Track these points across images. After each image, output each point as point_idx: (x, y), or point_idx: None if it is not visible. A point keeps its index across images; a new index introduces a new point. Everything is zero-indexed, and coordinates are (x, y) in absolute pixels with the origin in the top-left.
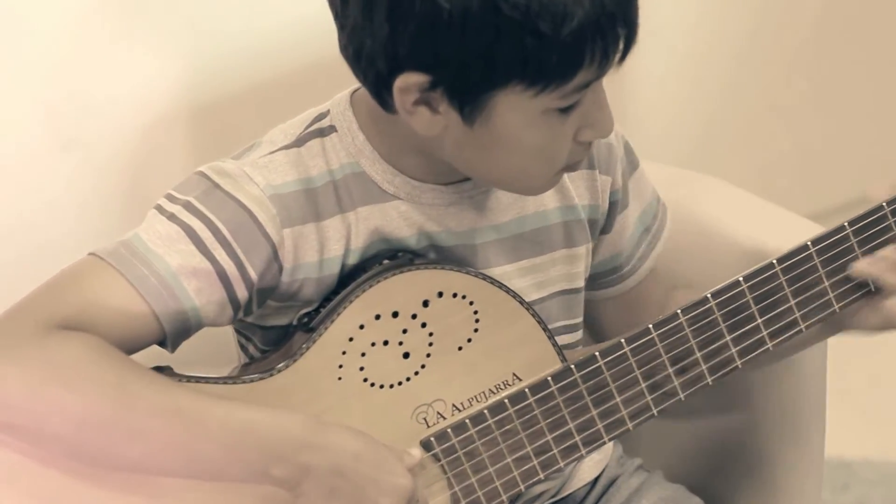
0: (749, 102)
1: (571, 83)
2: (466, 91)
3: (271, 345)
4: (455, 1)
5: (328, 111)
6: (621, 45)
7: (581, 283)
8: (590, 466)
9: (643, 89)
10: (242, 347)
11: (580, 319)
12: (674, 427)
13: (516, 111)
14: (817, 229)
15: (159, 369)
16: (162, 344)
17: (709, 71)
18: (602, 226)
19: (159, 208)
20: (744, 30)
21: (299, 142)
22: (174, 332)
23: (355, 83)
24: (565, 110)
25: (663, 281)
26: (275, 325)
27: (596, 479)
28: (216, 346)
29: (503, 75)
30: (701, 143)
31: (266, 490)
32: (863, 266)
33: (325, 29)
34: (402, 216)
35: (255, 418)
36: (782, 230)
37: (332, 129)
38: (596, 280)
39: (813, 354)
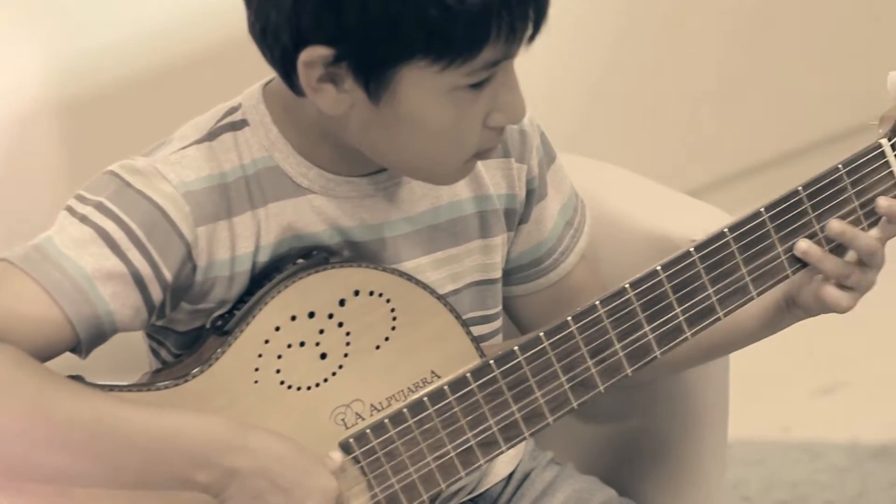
0: (626, 85)
1: (478, 59)
2: (371, 66)
3: (185, 349)
4: None
5: (240, 105)
6: (531, 22)
7: (497, 274)
8: (504, 462)
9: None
10: (154, 352)
11: (497, 310)
12: (582, 420)
13: (422, 88)
14: (717, 212)
15: (71, 378)
16: (74, 350)
17: (586, 54)
18: (520, 215)
19: (70, 210)
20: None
21: (211, 136)
22: (88, 339)
23: (242, 81)
24: (474, 88)
25: (598, 277)
26: (188, 330)
27: (511, 475)
28: (126, 353)
29: (407, 48)
30: (582, 129)
31: (190, 496)
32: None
33: (208, 24)
34: (315, 211)
35: (178, 423)
36: (683, 215)
37: (244, 122)
38: (519, 273)
39: None
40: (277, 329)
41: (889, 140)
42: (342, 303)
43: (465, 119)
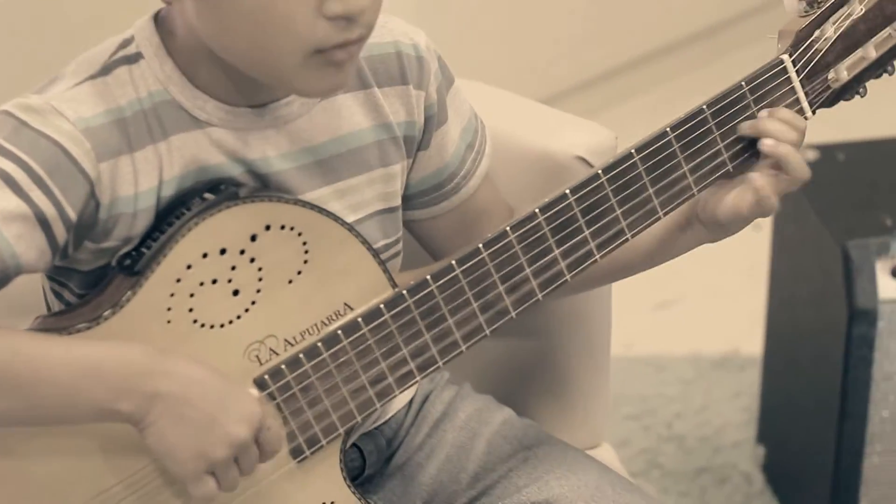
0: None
1: None
2: None
3: (89, 289)
4: None
5: (132, 37)
6: None
7: (397, 202)
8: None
9: None
10: (56, 294)
11: (398, 236)
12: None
13: None
14: (598, 127)
15: None
16: None
17: None
18: (419, 142)
19: None
20: None
21: (105, 70)
22: None
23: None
24: None
25: (501, 197)
26: (92, 269)
27: (411, 400)
28: (19, 296)
29: None
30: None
31: (110, 429)
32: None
33: None
34: (215, 144)
35: (97, 353)
36: (565, 132)
37: (138, 55)
38: (422, 198)
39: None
40: (189, 267)
41: (790, 56)
42: (253, 238)
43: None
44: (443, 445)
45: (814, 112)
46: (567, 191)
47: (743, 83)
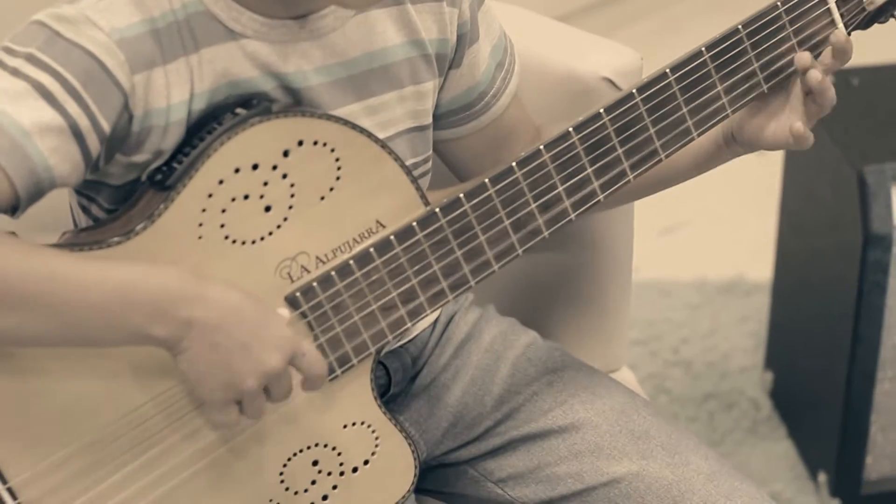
0: None
1: None
2: None
3: (119, 203)
4: None
5: None
6: None
7: (428, 121)
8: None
9: None
10: (84, 209)
11: (427, 155)
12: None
13: None
14: (621, 48)
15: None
16: (9, 210)
17: None
18: (451, 60)
19: (0, 63)
20: None
21: None
22: (27, 196)
23: None
24: None
25: (529, 116)
26: (122, 184)
27: (436, 321)
28: (48, 213)
29: None
30: None
31: (145, 358)
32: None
33: None
34: (248, 56)
35: (133, 276)
36: (589, 52)
37: None
38: (451, 117)
39: None
40: (221, 182)
41: None
42: (286, 154)
43: None
44: (468, 367)
45: (849, 34)
46: (601, 110)
47: (779, 3)
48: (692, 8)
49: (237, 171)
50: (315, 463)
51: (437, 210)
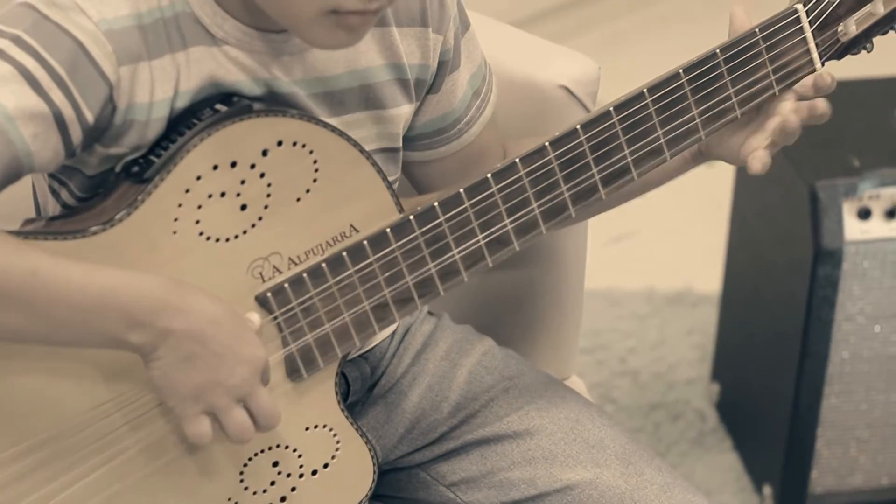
0: None
1: None
2: None
3: (89, 192)
4: None
5: None
6: None
7: (399, 143)
8: None
9: None
10: (53, 193)
11: (397, 176)
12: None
13: None
14: (581, 57)
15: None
16: None
17: None
18: (430, 85)
19: None
20: None
21: None
22: (4, 180)
23: None
24: None
25: (500, 138)
26: (96, 173)
27: (394, 331)
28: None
29: None
30: None
31: (111, 358)
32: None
33: None
34: (232, 61)
35: (115, 281)
36: (548, 61)
37: None
38: (423, 140)
39: None
40: (198, 178)
41: (804, 6)
42: (265, 153)
43: None
44: (425, 374)
45: (823, 64)
46: (578, 127)
47: (757, 30)
48: (645, 20)
49: (215, 167)
50: (275, 464)
51: (412, 218)
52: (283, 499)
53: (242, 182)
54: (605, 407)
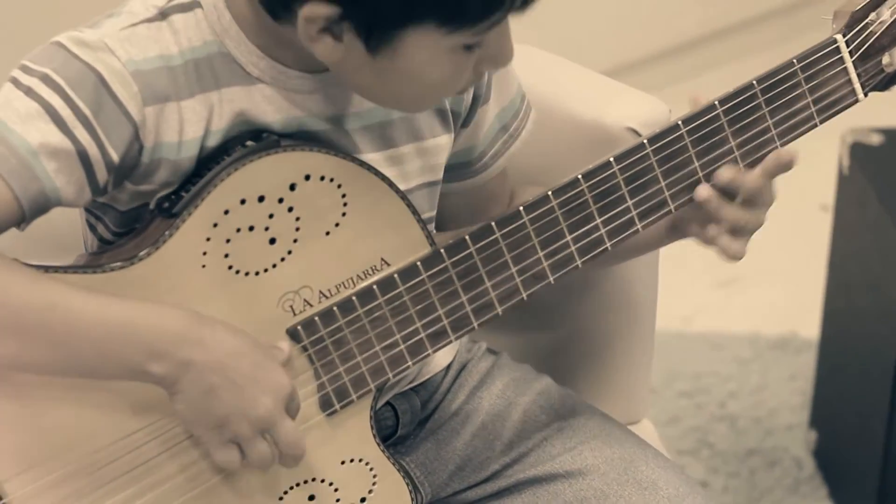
0: None
1: (486, 21)
2: (377, 25)
3: (124, 227)
4: None
5: None
6: None
7: (441, 175)
8: (445, 352)
9: None
10: (91, 227)
11: (434, 212)
12: (516, 310)
13: (424, 48)
14: (653, 100)
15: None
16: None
17: None
18: (463, 119)
19: (15, 81)
20: None
21: (162, 15)
22: (32, 214)
23: None
24: (471, 46)
25: (512, 176)
26: (129, 209)
27: (449, 365)
28: (61, 229)
29: (419, 14)
30: None
31: (142, 387)
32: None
33: None
34: (267, 100)
35: (133, 313)
36: (617, 102)
37: (196, 3)
38: (446, 173)
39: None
40: (226, 213)
41: (843, 36)
42: (293, 187)
43: (459, 72)
44: (478, 412)
45: (866, 94)
46: (611, 158)
47: (795, 61)
48: (721, 76)
49: (243, 202)
50: (311, 497)
51: (442, 250)
52: None
53: (271, 216)
54: (702, 452)
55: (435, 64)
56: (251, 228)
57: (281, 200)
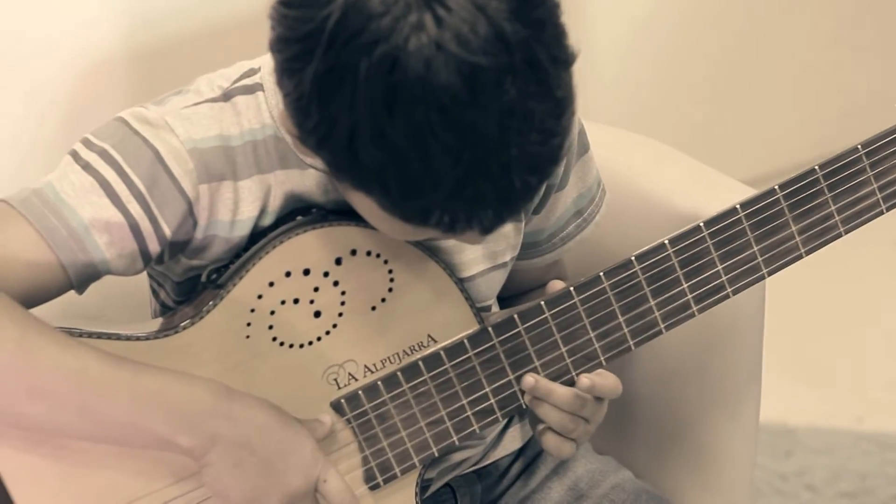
0: (690, 68)
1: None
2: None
3: (182, 296)
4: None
5: (259, 68)
6: (476, 229)
7: (506, 259)
8: (514, 436)
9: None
10: (154, 292)
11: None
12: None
13: (365, 209)
14: (731, 183)
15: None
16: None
17: (656, 33)
18: (536, 206)
19: (74, 155)
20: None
21: (226, 96)
22: (81, 282)
23: None
24: None
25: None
26: (184, 280)
27: (521, 450)
28: (129, 288)
29: (362, 186)
30: (641, 105)
31: (171, 457)
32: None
33: None
34: (319, 185)
35: (164, 384)
36: (719, 194)
37: (259, 86)
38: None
39: (749, 320)
40: (271, 285)
41: None
42: (338, 261)
43: (407, 234)
44: (546, 503)
45: None
46: (666, 241)
47: (859, 146)
48: None
49: (288, 274)
50: None
51: (490, 328)
52: None
53: (316, 289)
54: None
55: (377, 221)
56: (296, 301)
57: (326, 274)
